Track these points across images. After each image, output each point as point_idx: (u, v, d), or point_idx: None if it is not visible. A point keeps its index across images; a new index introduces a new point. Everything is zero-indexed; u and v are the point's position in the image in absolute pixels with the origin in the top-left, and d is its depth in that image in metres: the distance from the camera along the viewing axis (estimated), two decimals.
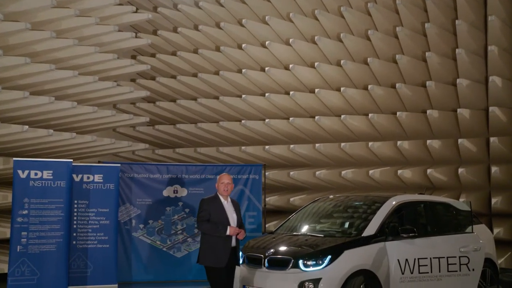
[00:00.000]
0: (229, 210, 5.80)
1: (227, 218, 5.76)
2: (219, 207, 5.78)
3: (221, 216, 5.74)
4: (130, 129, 11.83)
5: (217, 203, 5.80)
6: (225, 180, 5.88)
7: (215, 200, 5.82)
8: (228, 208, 5.82)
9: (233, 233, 5.70)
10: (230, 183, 5.86)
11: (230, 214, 5.78)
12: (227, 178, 5.90)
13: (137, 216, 9.04)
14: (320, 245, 6.16)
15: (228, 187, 5.83)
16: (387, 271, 6.23)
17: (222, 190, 5.83)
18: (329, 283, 5.81)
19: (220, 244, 5.71)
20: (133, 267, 8.91)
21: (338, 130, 10.32)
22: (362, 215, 6.80)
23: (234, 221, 5.79)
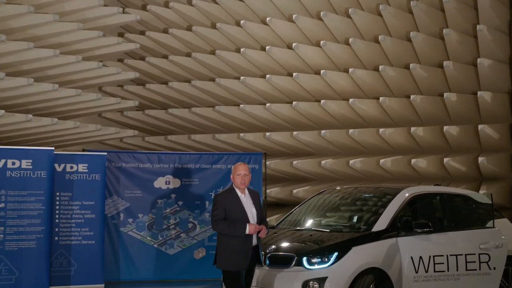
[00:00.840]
0: (248, 205, 5.52)
1: (245, 215, 5.48)
2: (235, 202, 5.51)
3: (238, 212, 5.47)
4: (117, 114, 11.78)
5: (233, 198, 5.52)
6: (242, 171, 5.57)
7: (231, 194, 5.54)
8: (246, 202, 5.53)
9: (253, 231, 5.43)
10: (247, 174, 5.57)
11: (248, 209, 5.51)
12: (244, 169, 5.59)
13: (126, 209, 9.02)
14: (325, 241, 6.15)
15: (245, 179, 5.54)
16: (399, 270, 6.22)
17: (239, 183, 5.54)
18: (335, 282, 5.81)
19: (240, 245, 5.45)
20: (121, 266, 8.91)
21: (346, 115, 10.29)
22: (372, 208, 6.78)
23: (253, 216, 5.51)
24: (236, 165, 5.66)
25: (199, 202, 9.29)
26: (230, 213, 5.50)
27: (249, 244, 5.47)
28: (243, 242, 5.48)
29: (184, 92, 11.34)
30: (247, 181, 5.58)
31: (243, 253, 5.46)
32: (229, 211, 5.50)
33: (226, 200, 5.54)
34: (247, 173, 5.58)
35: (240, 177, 5.55)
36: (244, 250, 5.47)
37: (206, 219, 9.28)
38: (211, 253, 9.18)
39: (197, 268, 9.16)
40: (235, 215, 5.49)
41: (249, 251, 5.46)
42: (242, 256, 5.47)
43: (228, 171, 9.39)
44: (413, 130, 9.56)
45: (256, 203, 5.61)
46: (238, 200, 5.53)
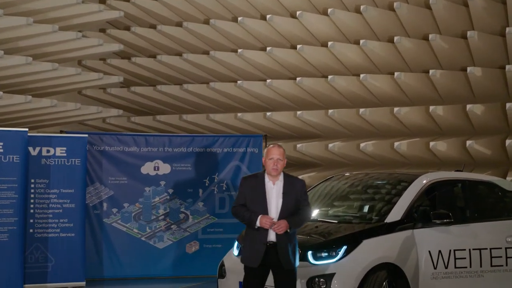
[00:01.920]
0: (273, 194, 5.37)
1: (265, 206, 5.36)
2: (258, 189, 5.38)
3: (258, 202, 5.36)
4: (99, 92, 11.75)
5: (258, 184, 5.40)
6: (275, 155, 5.40)
7: (256, 179, 5.43)
8: (272, 191, 5.37)
9: (266, 225, 5.27)
10: (281, 158, 5.40)
11: (272, 199, 5.36)
12: (278, 152, 5.41)
13: (109, 198, 9.03)
14: (333, 233, 6.16)
15: (278, 164, 5.37)
16: (415, 265, 6.22)
17: (271, 168, 5.38)
18: (344, 279, 5.80)
19: (253, 238, 5.37)
20: (105, 261, 8.93)
21: (357, 93, 10.24)
22: (385, 197, 6.77)
23: (276, 208, 5.36)
24: (269, 147, 5.50)
25: (191, 190, 9.29)
26: (250, 201, 5.41)
27: (262, 239, 5.35)
28: (256, 236, 5.39)
29: (174, 66, 11.28)
30: (280, 167, 5.39)
31: (255, 248, 5.38)
32: (250, 198, 5.41)
33: (249, 186, 5.44)
34: (282, 157, 5.42)
35: (273, 162, 5.38)
36: (256, 245, 5.38)
37: (199, 209, 9.30)
38: (205, 247, 9.26)
39: (189, 264, 9.19)
40: (255, 205, 5.38)
41: (261, 247, 5.34)
42: (254, 252, 5.39)
43: (224, 155, 9.40)
44: (432, 109, 9.53)
45: (288, 195, 5.40)
46: (262, 188, 5.41)
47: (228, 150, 9.43)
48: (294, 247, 5.47)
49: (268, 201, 5.40)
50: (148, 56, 11.56)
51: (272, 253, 5.37)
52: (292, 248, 5.43)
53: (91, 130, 11.68)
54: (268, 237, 5.38)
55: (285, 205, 5.42)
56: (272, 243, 5.38)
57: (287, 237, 5.39)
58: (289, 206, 5.42)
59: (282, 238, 5.37)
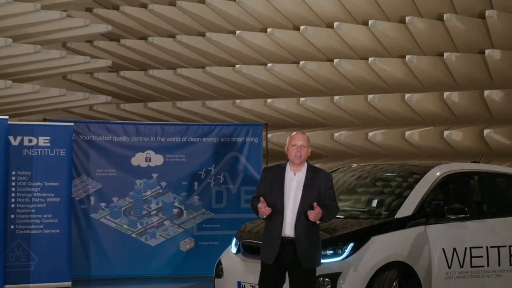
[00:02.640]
0: (292, 186, 5.29)
1: (281, 197, 5.27)
2: (277, 180, 5.33)
3: (275, 194, 5.29)
4: (86, 76, 11.74)
5: (277, 174, 5.35)
6: (298, 141, 5.35)
7: (277, 170, 5.38)
8: (291, 182, 5.30)
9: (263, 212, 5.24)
10: (305, 145, 5.34)
11: (290, 191, 5.29)
12: (302, 138, 5.36)
13: (97, 192, 9.04)
14: (339, 229, 6.15)
15: (301, 151, 5.31)
16: (428, 264, 6.23)
17: (293, 155, 5.32)
18: (351, 279, 5.80)
19: (273, 231, 5.30)
20: (92, 260, 8.94)
21: (365, 78, 10.22)
22: (396, 190, 6.77)
23: (294, 202, 5.26)
24: (292, 134, 5.45)
25: (186, 183, 9.30)
26: (268, 193, 5.34)
27: (276, 232, 5.27)
28: (272, 230, 5.33)
29: (167, 49, 11.26)
30: (304, 155, 5.32)
31: (270, 243, 5.32)
32: (268, 190, 5.35)
33: (268, 177, 5.40)
34: (306, 144, 5.36)
35: (296, 148, 5.32)
36: (271, 239, 5.31)
37: (194, 203, 9.30)
38: (201, 244, 9.26)
39: (184, 263, 9.20)
40: (271, 197, 5.31)
41: (275, 241, 5.26)
42: (269, 247, 5.33)
43: (222, 145, 9.38)
44: (447, 96, 9.51)
45: (311, 188, 5.29)
46: (281, 178, 5.34)
47: (225, 140, 9.42)
48: (317, 244, 5.39)
49: (286, 193, 5.30)
50: (138, 38, 11.53)
51: (289, 249, 5.27)
52: (314, 245, 5.35)
53: (77, 118, 11.68)
54: (283, 231, 5.28)
55: (304, 199, 5.28)
56: (289, 239, 5.27)
57: (307, 232, 5.27)
58: (310, 201, 5.26)
59: (302, 233, 5.25)
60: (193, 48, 11.12)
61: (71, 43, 11.31)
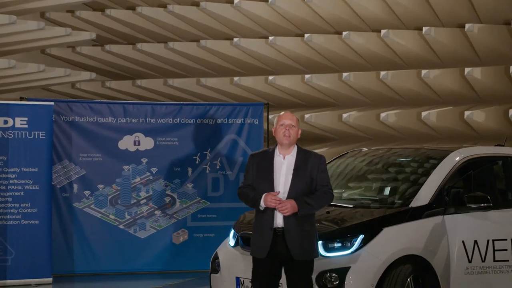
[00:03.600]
0: (282, 170, 5.39)
1: (271, 182, 5.38)
2: (265, 164, 5.43)
3: (264, 179, 5.39)
4: (67, 50, 11.71)
5: (266, 159, 5.45)
6: (286, 120, 5.45)
7: (265, 155, 5.49)
8: (281, 166, 5.40)
9: (270, 202, 5.28)
10: (294, 125, 5.43)
11: (280, 176, 5.38)
12: (290, 118, 5.47)
13: (81, 178, 9.03)
14: (348, 219, 6.16)
15: (291, 131, 5.40)
16: (446, 258, 6.23)
17: (281, 135, 5.42)
18: (361, 274, 5.80)
19: (258, 223, 5.42)
20: (76, 253, 8.94)
21: (377, 53, 10.20)
22: (411, 177, 6.76)
23: (284, 188, 5.35)
24: (280, 114, 5.58)
25: (178, 169, 9.30)
26: (256, 179, 5.45)
27: (267, 223, 5.35)
28: (263, 221, 5.39)
29: (157, 21, 11.22)
30: (294, 135, 5.41)
31: (262, 235, 5.38)
32: (256, 176, 5.45)
33: (256, 162, 5.49)
34: (295, 123, 5.45)
35: (284, 127, 5.42)
36: (263, 231, 5.38)
37: (188, 191, 9.31)
38: (196, 236, 9.28)
39: (176, 257, 9.22)
40: (260, 183, 5.41)
41: (267, 233, 5.33)
42: (260, 240, 5.39)
43: (218, 127, 9.37)
44: (468, 72, 9.48)
45: (302, 172, 5.37)
46: (270, 163, 5.43)
47: (222, 121, 9.41)
48: (310, 234, 5.43)
49: (275, 178, 5.39)
50: (126, 8, 11.48)
51: (281, 241, 5.34)
52: (307, 235, 5.39)
53: (58, 97, 11.65)
54: (275, 222, 5.36)
55: (294, 184, 5.37)
56: (281, 229, 5.35)
57: (297, 221, 5.34)
58: (301, 186, 5.37)
59: (291, 222, 5.33)
60: (186, 19, 11.08)
61: (50, 13, 11.26)
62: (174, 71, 11.71)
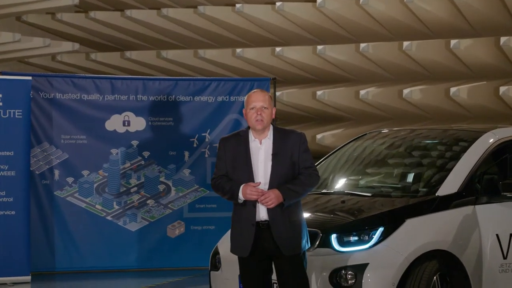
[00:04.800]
0: (260, 157, 5.41)
1: (250, 172, 5.40)
2: (240, 152, 5.43)
3: (241, 168, 5.40)
4: (46, 18, 11.69)
5: (239, 146, 5.45)
6: (258, 102, 5.42)
7: (238, 140, 5.48)
8: (258, 152, 5.42)
9: (252, 196, 5.31)
10: (267, 106, 5.41)
11: (258, 164, 5.40)
12: (261, 98, 5.44)
13: (63, 163, 9.05)
14: (365, 210, 6.15)
15: (263, 114, 5.39)
16: (477, 254, 6.22)
17: (253, 120, 5.41)
18: (380, 272, 5.79)
19: (238, 218, 5.45)
20: (57, 248, 8.97)
21: (399, 20, 10.19)
22: (437, 162, 6.73)
23: (264, 176, 5.38)
24: (249, 94, 5.52)
25: (174, 153, 9.31)
26: (231, 168, 5.46)
27: (249, 218, 5.38)
28: (242, 215, 5.42)
29: None
30: (267, 118, 5.40)
31: (243, 231, 5.42)
32: (231, 165, 5.46)
33: (229, 149, 5.49)
34: (267, 104, 5.42)
35: (255, 111, 5.40)
36: (243, 226, 5.41)
37: (185, 178, 9.31)
38: (193, 229, 9.30)
39: (172, 252, 9.24)
40: (237, 173, 5.43)
41: (249, 229, 5.37)
42: (241, 236, 5.43)
43: (219, 106, 9.38)
44: (504, 42, 9.46)
45: (281, 156, 5.39)
46: (245, 150, 5.44)
47: (223, 98, 9.40)
48: (298, 224, 5.45)
49: (253, 166, 5.40)
50: None
51: (266, 236, 5.36)
52: (295, 226, 5.41)
53: (36, 70, 11.65)
54: (257, 215, 5.37)
55: (275, 171, 5.37)
56: (265, 223, 5.36)
57: (283, 212, 5.36)
58: (283, 171, 5.38)
59: (276, 214, 5.34)
60: None
61: None
62: (168, 42, 11.69)
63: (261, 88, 9.33)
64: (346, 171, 7.06)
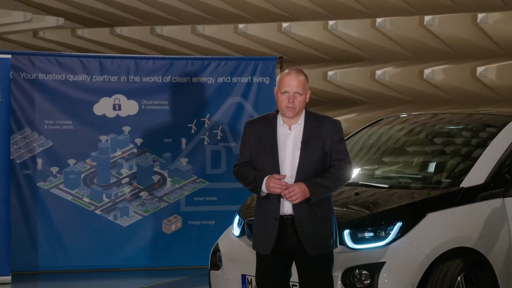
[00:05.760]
0: (288, 144, 5.38)
1: (275, 160, 5.37)
2: (266, 137, 5.41)
3: (265, 155, 5.39)
4: None
5: (266, 129, 5.43)
6: (291, 87, 5.34)
7: (265, 124, 5.45)
8: (287, 139, 5.39)
9: (273, 188, 5.27)
10: (301, 92, 5.33)
11: (286, 152, 5.37)
12: (296, 82, 5.35)
13: (47, 152, 9.07)
14: (382, 203, 6.17)
15: (295, 100, 5.32)
16: (506, 252, 6.22)
17: (285, 106, 5.37)
18: (399, 272, 5.81)
19: (267, 211, 5.40)
20: (41, 246, 8.99)
21: None
22: (461, 150, 6.75)
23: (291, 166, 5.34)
24: (283, 75, 5.43)
25: (170, 140, 9.33)
26: (255, 155, 5.45)
27: (273, 212, 5.35)
28: (266, 208, 5.40)
29: None
30: (299, 105, 5.35)
31: (266, 226, 5.39)
32: (255, 152, 5.45)
33: (254, 134, 5.47)
34: (301, 90, 5.34)
35: (288, 97, 5.34)
36: (266, 221, 5.39)
37: (182, 168, 9.32)
38: (191, 224, 9.32)
39: (167, 249, 9.27)
40: (261, 161, 5.41)
41: (272, 223, 5.34)
42: (264, 232, 5.40)
43: (219, 87, 9.39)
44: None
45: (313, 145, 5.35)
46: (272, 135, 5.41)
47: (224, 79, 9.40)
48: (327, 220, 5.41)
49: (280, 155, 5.36)
50: None
51: (290, 231, 5.34)
52: (323, 222, 5.38)
53: (17, 48, 11.65)
54: (282, 209, 5.34)
55: (304, 161, 5.34)
56: (290, 218, 5.35)
57: (309, 207, 5.32)
58: (312, 162, 5.34)
59: (303, 209, 5.31)
60: None
61: None
62: (163, 17, 11.68)
63: (266, 69, 9.45)
64: (360, 160, 7.07)
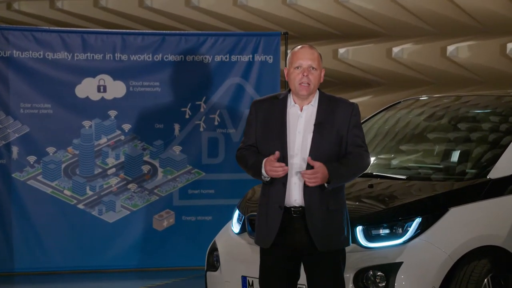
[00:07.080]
0: (298, 126, 5.39)
1: (283, 143, 5.38)
2: (275, 118, 5.44)
3: (272, 136, 5.42)
4: None
5: (275, 110, 5.47)
6: (305, 61, 5.40)
7: (275, 102, 5.51)
8: (297, 121, 5.41)
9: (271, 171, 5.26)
10: (316, 66, 5.38)
11: (296, 135, 5.38)
12: (310, 56, 5.41)
13: (23, 139, 9.10)
14: (399, 196, 6.20)
15: (310, 75, 5.36)
16: None
17: (298, 83, 5.40)
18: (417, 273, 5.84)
19: (270, 199, 5.41)
20: (16, 245, 9.03)
21: None
22: (489, 137, 6.78)
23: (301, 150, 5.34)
24: (295, 50, 5.47)
25: (161, 125, 9.37)
26: (261, 137, 5.47)
27: (277, 200, 5.36)
28: (269, 197, 5.42)
29: None
30: (315, 82, 5.39)
31: (268, 216, 5.41)
32: (261, 133, 5.47)
33: (261, 114, 5.49)
34: (315, 64, 5.39)
35: (301, 71, 5.38)
36: (269, 210, 5.41)
37: (175, 157, 9.34)
38: (185, 220, 9.35)
39: (159, 248, 9.31)
40: (268, 145, 5.42)
41: (276, 212, 5.35)
42: (266, 223, 5.42)
43: (217, 67, 9.41)
44: None
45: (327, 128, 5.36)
46: (281, 116, 5.44)
47: (223, 58, 9.41)
48: (338, 214, 5.42)
49: (289, 138, 5.36)
50: None
51: (299, 226, 5.34)
52: (335, 216, 5.39)
53: None
54: (289, 198, 5.34)
55: (316, 145, 5.34)
56: (298, 209, 5.35)
57: (321, 198, 5.32)
58: (325, 146, 5.35)
59: (315, 199, 5.31)
60: None
61: None
62: None
63: (269, 46, 9.46)
64: (375, 149, 7.10)
